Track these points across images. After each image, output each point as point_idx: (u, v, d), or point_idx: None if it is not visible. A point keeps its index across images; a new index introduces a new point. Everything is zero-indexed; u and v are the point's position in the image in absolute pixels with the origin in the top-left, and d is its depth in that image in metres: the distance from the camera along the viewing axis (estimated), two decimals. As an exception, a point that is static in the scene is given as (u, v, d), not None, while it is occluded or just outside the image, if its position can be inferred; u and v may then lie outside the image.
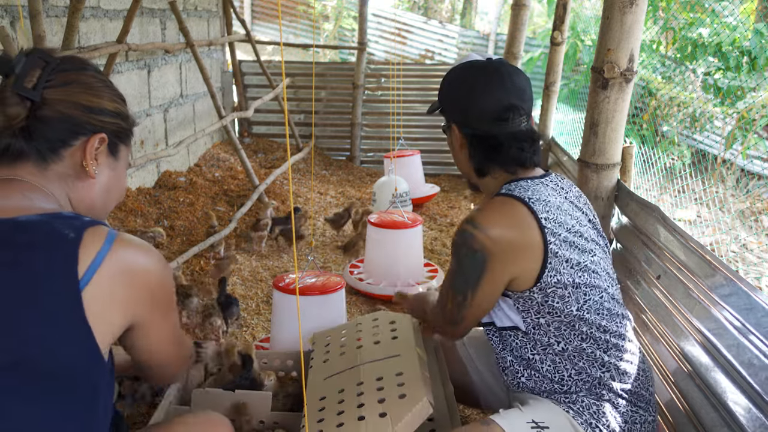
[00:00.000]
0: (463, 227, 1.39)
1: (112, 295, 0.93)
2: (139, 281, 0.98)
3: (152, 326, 1.04)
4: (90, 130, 1.04)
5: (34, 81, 1.00)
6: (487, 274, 1.36)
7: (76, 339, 0.90)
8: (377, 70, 5.96)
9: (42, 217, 0.94)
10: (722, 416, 1.35)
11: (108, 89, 1.08)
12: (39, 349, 0.87)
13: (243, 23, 5.01)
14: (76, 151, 1.03)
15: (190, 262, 3.20)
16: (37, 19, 2.31)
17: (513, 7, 4.18)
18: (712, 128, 6.00)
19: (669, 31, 6.59)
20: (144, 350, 1.07)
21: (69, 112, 1.01)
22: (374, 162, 5.90)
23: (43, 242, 0.91)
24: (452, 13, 13.52)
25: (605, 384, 1.38)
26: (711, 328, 1.47)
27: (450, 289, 1.44)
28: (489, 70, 1.45)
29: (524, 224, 1.35)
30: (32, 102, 0.99)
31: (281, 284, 2.23)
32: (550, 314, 1.39)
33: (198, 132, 3.71)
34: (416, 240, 3.15)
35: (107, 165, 1.09)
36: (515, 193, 1.39)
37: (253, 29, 10.13)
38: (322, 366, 1.66)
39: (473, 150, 1.48)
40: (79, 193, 1.06)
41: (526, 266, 1.36)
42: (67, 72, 1.03)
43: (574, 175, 2.87)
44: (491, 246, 1.34)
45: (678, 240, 1.72)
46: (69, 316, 0.89)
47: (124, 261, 0.95)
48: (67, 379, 0.90)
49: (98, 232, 0.94)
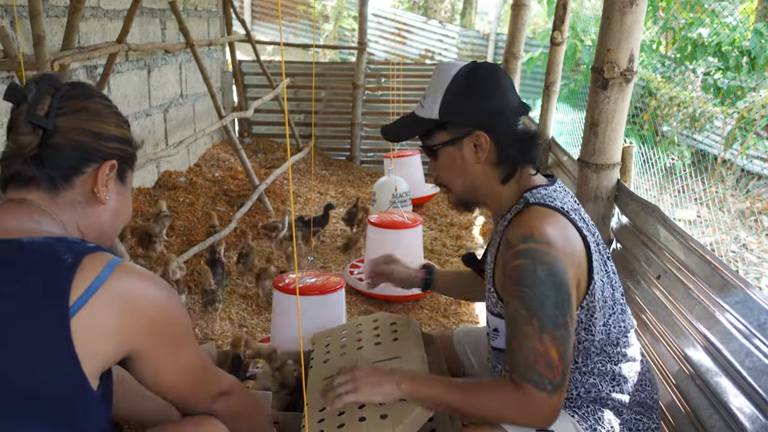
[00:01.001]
0: (519, 249, 1.22)
1: (105, 324, 0.91)
2: (136, 310, 0.95)
3: (156, 359, 1.01)
4: (100, 157, 1.05)
5: (46, 109, 1.00)
6: (570, 289, 1.21)
7: (60, 364, 0.88)
8: (377, 70, 5.96)
9: (46, 240, 0.94)
10: (723, 417, 1.35)
11: (114, 115, 1.09)
12: (20, 371, 0.87)
13: (243, 23, 5.01)
14: (87, 179, 1.04)
15: (190, 262, 3.19)
16: (37, 19, 2.31)
17: (513, 7, 4.18)
18: (712, 128, 6.00)
19: (669, 31, 6.59)
20: (153, 384, 1.04)
21: (80, 139, 1.02)
22: (374, 162, 5.90)
23: (42, 265, 0.90)
24: (452, 13, 13.52)
25: (611, 394, 1.37)
26: (711, 328, 1.47)
27: (544, 333, 1.18)
28: (495, 69, 1.38)
29: (571, 235, 1.27)
30: (44, 130, 1.00)
31: (281, 284, 2.23)
32: (584, 332, 1.32)
33: (198, 132, 3.71)
34: (416, 240, 3.15)
35: (116, 191, 1.10)
36: (548, 203, 1.30)
37: (253, 29, 10.13)
38: (322, 366, 1.66)
39: (507, 150, 1.35)
40: (89, 219, 1.06)
41: (580, 278, 1.27)
42: (77, 99, 1.04)
43: (574, 175, 2.87)
44: (562, 255, 1.21)
45: (678, 240, 1.72)
46: (55, 341, 0.88)
47: (122, 289, 0.93)
48: (47, 403, 0.89)
49: (99, 258, 0.93)
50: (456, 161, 1.39)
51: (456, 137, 1.37)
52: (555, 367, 1.18)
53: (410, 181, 4.27)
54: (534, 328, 1.19)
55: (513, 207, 1.37)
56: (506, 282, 1.24)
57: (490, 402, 1.24)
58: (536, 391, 1.18)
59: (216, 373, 1.17)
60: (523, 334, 1.20)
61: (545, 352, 1.18)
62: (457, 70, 1.37)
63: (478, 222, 4.30)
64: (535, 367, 1.18)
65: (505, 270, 1.25)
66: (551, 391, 1.18)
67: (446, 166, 1.41)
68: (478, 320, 2.87)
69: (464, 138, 1.36)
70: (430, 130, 1.40)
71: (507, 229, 1.32)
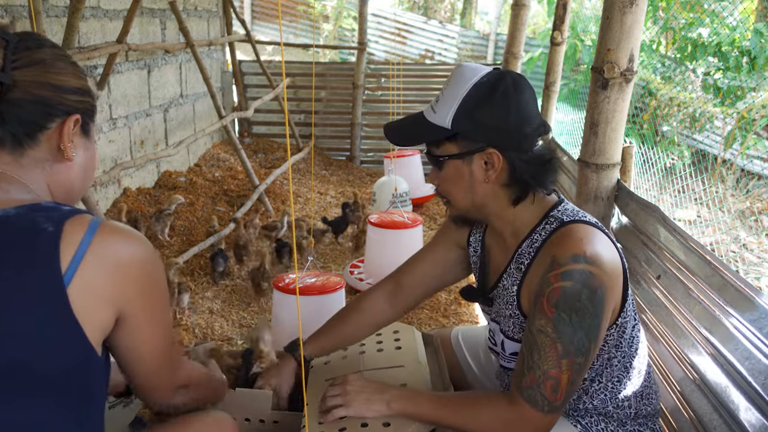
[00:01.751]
0: (568, 269, 1.16)
1: (97, 289, 0.88)
2: (126, 273, 0.92)
3: (139, 325, 0.97)
4: (64, 111, 0.98)
5: (1, 62, 0.93)
6: (604, 317, 1.17)
7: (68, 338, 0.86)
8: (377, 70, 5.96)
9: (19, 210, 0.89)
10: (724, 418, 1.35)
11: (71, 65, 1.02)
12: (32, 353, 0.85)
13: (243, 23, 5.01)
14: (52, 134, 0.98)
15: (190, 262, 3.20)
16: (37, 19, 2.31)
17: (513, 7, 4.18)
18: (711, 128, 6.00)
19: (669, 31, 6.59)
20: (126, 350, 0.99)
21: (41, 93, 0.95)
22: (374, 162, 5.90)
23: (22, 239, 0.86)
24: (452, 13, 13.52)
25: (618, 409, 1.36)
26: (711, 329, 1.47)
27: (564, 358, 1.15)
28: (520, 81, 1.27)
29: (613, 251, 1.22)
30: (1, 84, 0.92)
31: (281, 284, 2.23)
32: (614, 349, 1.30)
33: (198, 132, 3.71)
34: (416, 240, 3.15)
35: (82, 145, 1.04)
36: (582, 219, 1.26)
37: (253, 29, 10.13)
38: (323, 368, 1.66)
39: (520, 173, 1.26)
40: (57, 177, 1.01)
41: (617, 299, 1.24)
42: (30, 50, 0.96)
43: (574, 175, 2.87)
44: (607, 280, 1.16)
45: (678, 240, 1.72)
46: (58, 315, 0.85)
47: (107, 251, 0.89)
48: (62, 381, 0.87)
49: (79, 222, 0.89)
50: (463, 176, 1.29)
51: (466, 151, 1.26)
52: (561, 392, 1.16)
53: (410, 181, 4.27)
54: (556, 352, 1.15)
55: (540, 227, 1.29)
56: (541, 299, 1.18)
57: (482, 418, 1.22)
58: (531, 409, 1.17)
59: (179, 359, 1.14)
60: (541, 354, 1.16)
61: (557, 376, 1.15)
62: (479, 78, 1.25)
63: (478, 222, 4.29)
64: (541, 389, 1.16)
65: (544, 288, 1.18)
66: (547, 411, 1.16)
67: (451, 179, 1.31)
68: (478, 320, 2.87)
69: (475, 153, 1.26)
70: (439, 138, 1.29)
71: (545, 248, 1.25)
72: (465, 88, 1.25)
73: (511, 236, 1.35)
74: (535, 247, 1.28)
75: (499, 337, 1.40)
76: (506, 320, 1.35)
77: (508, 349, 1.37)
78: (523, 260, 1.31)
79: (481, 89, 1.24)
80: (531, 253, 1.29)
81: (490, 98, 1.23)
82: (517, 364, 1.22)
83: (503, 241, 1.38)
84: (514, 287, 1.32)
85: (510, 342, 1.36)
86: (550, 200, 1.33)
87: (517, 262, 1.33)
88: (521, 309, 1.30)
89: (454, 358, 1.80)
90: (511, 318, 1.34)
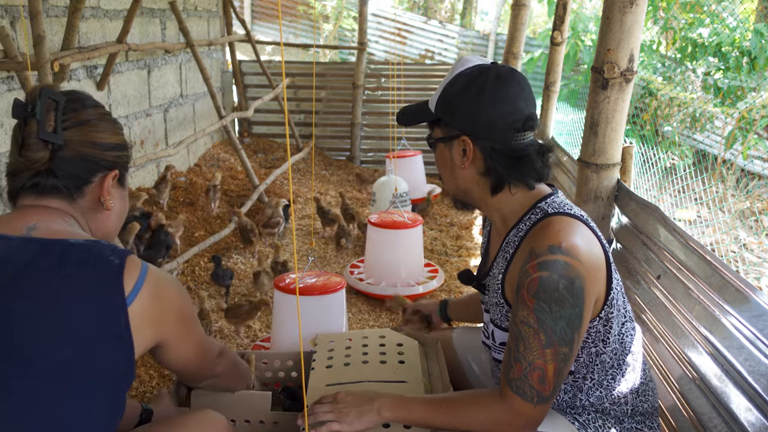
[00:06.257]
0: (544, 259, 1.18)
1: (147, 315, 1.06)
2: (169, 304, 1.11)
3: (178, 344, 1.17)
4: (105, 167, 1.15)
5: (53, 125, 1.08)
6: (585, 306, 1.19)
7: (122, 346, 1.03)
8: (377, 70, 5.96)
9: (87, 241, 1.05)
10: (724, 419, 1.35)
11: (110, 123, 1.17)
12: (94, 351, 1.00)
13: (243, 23, 5.01)
14: (94, 188, 1.15)
15: (191, 261, 3.20)
16: (37, 19, 2.31)
17: (513, 7, 4.18)
18: (712, 128, 6.00)
19: (669, 31, 6.59)
20: (169, 362, 1.21)
21: (85, 151, 1.11)
22: (374, 162, 5.90)
23: (93, 262, 1.02)
24: (452, 13, 13.52)
25: (615, 405, 1.36)
26: (711, 329, 1.47)
27: (548, 348, 1.17)
28: (506, 76, 1.30)
29: (594, 244, 1.24)
30: (52, 144, 1.07)
31: (282, 284, 2.23)
32: (601, 344, 1.31)
33: (198, 132, 3.71)
34: (416, 240, 3.15)
35: (118, 195, 1.21)
36: (566, 211, 1.27)
37: (253, 29, 10.13)
38: (324, 371, 1.64)
39: (492, 164, 1.30)
40: (97, 224, 1.18)
41: (600, 291, 1.25)
42: (76, 111, 1.12)
43: (574, 175, 2.87)
44: (585, 272, 1.18)
45: (678, 240, 1.72)
46: (119, 326, 1.01)
47: (156, 287, 1.08)
48: (108, 377, 1.02)
49: (135, 261, 1.07)
50: (446, 160, 1.37)
51: (447, 137, 1.35)
52: (548, 382, 1.18)
53: (410, 181, 4.27)
54: (539, 342, 1.17)
55: (526, 217, 1.31)
56: (522, 291, 1.20)
57: (474, 416, 1.24)
58: (521, 401, 1.19)
59: (211, 340, 1.35)
60: (525, 345, 1.18)
61: (543, 366, 1.17)
62: (464, 68, 1.32)
63: (477, 222, 4.30)
64: (528, 379, 1.18)
65: (523, 279, 1.21)
66: (536, 402, 1.18)
67: (439, 162, 1.41)
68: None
69: (454, 140, 1.33)
70: (425, 121, 1.39)
71: (527, 238, 1.27)
72: (451, 75, 1.33)
73: (501, 224, 1.39)
74: (520, 236, 1.31)
75: (490, 327, 1.42)
76: (495, 308, 1.38)
77: (497, 338, 1.39)
78: (509, 249, 1.33)
79: (461, 79, 1.31)
80: (516, 242, 1.31)
81: (467, 89, 1.30)
82: (504, 357, 1.25)
83: (497, 228, 1.42)
84: (500, 275, 1.34)
85: (499, 331, 1.38)
86: (541, 191, 1.35)
87: (504, 250, 1.36)
88: (505, 297, 1.33)
89: (455, 359, 1.80)
90: (497, 306, 1.36)
